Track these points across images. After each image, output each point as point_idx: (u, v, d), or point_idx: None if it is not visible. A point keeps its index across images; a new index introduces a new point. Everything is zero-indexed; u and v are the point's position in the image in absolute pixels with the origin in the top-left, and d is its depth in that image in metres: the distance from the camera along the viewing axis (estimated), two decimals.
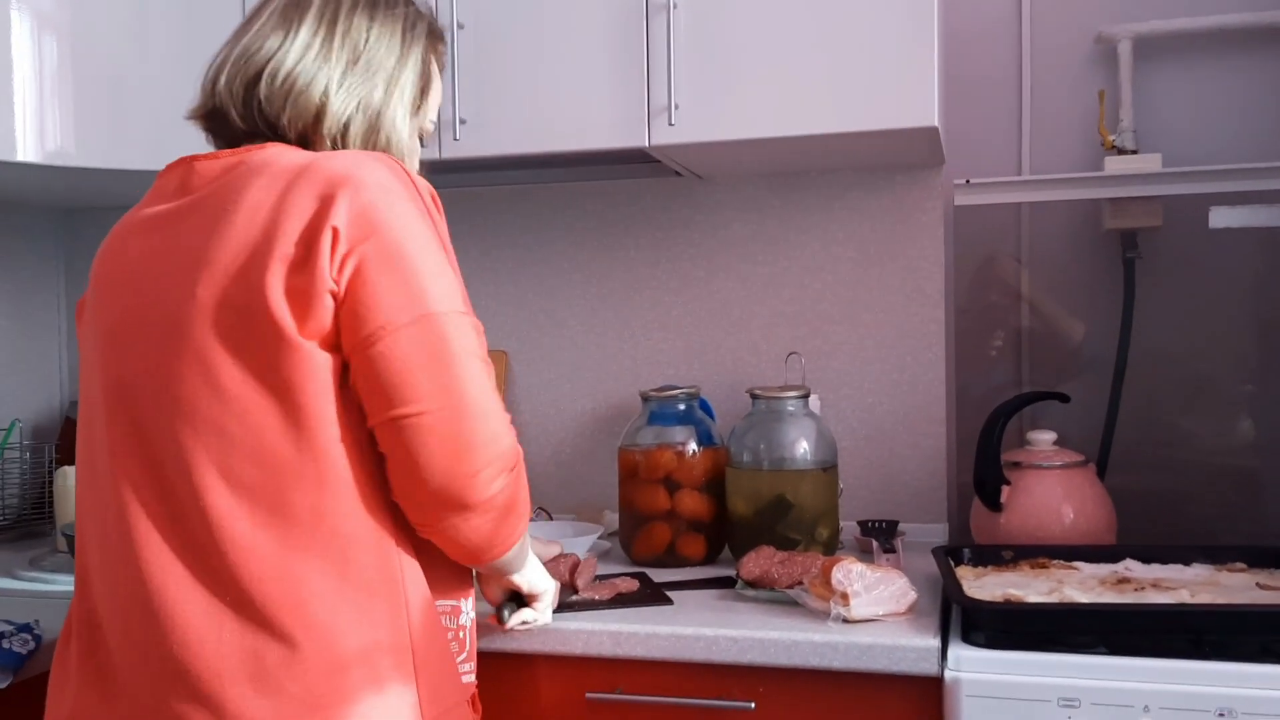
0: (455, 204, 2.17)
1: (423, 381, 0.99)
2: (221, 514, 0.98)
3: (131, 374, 1.05)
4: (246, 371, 0.99)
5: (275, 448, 0.99)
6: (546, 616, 1.35)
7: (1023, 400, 1.76)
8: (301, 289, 0.98)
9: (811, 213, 2.02)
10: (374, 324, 0.99)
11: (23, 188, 2.03)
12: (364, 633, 1.00)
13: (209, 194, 1.06)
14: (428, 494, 1.02)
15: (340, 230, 0.98)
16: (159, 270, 1.05)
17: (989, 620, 1.33)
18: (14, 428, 2.16)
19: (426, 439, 0.99)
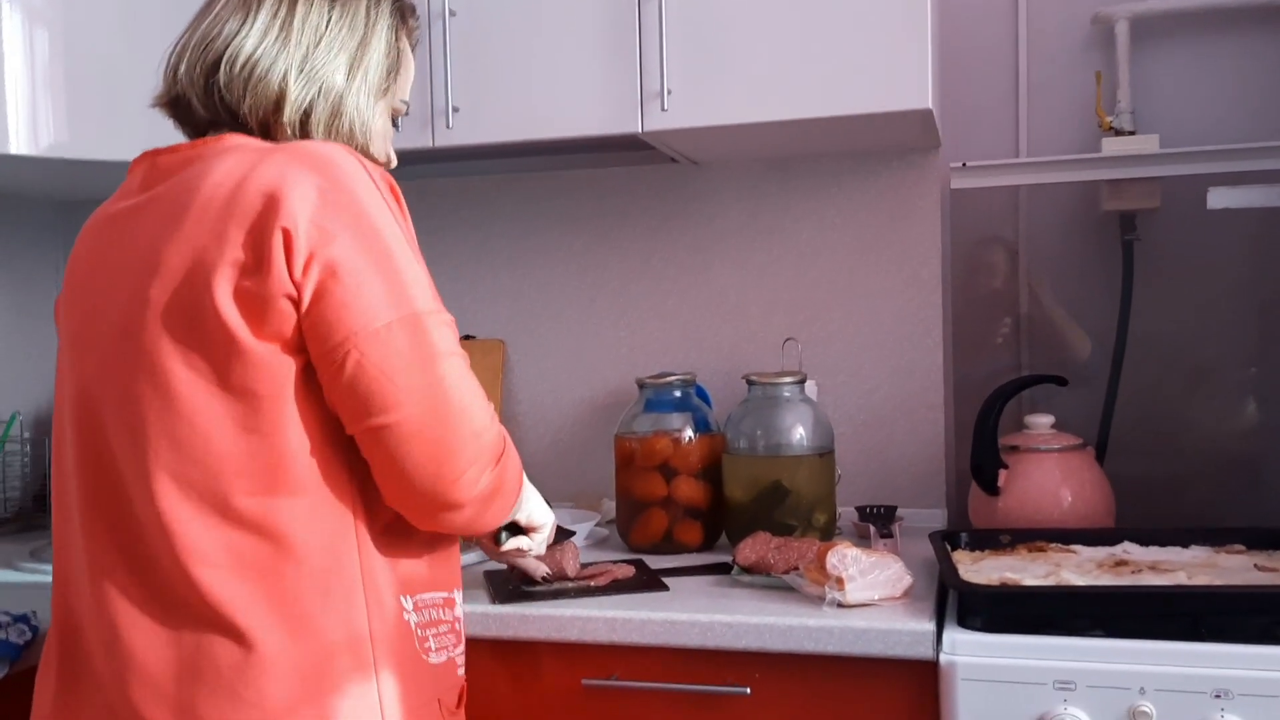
0: (449, 193, 2.18)
1: (400, 388, 0.97)
2: (174, 520, 0.97)
3: (89, 378, 1.04)
4: (198, 376, 0.97)
5: (226, 452, 0.97)
6: (542, 548, 1.34)
7: (1020, 383, 1.75)
8: (254, 293, 0.96)
9: (807, 198, 2.01)
10: (343, 332, 0.96)
11: (18, 181, 2.03)
12: (320, 635, 0.99)
13: (164, 191, 1.04)
14: (416, 497, 1.01)
15: (292, 232, 0.95)
16: (116, 271, 1.04)
17: (985, 604, 1.33)
18: (14, 420, 2.16)
19: (408, 446, 0.98)
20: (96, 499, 1.02)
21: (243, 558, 0.97)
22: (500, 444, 1.07)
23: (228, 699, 0.96)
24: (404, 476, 0.99)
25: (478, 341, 2.17)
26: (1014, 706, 1.24)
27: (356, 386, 0.97)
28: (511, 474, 1.10)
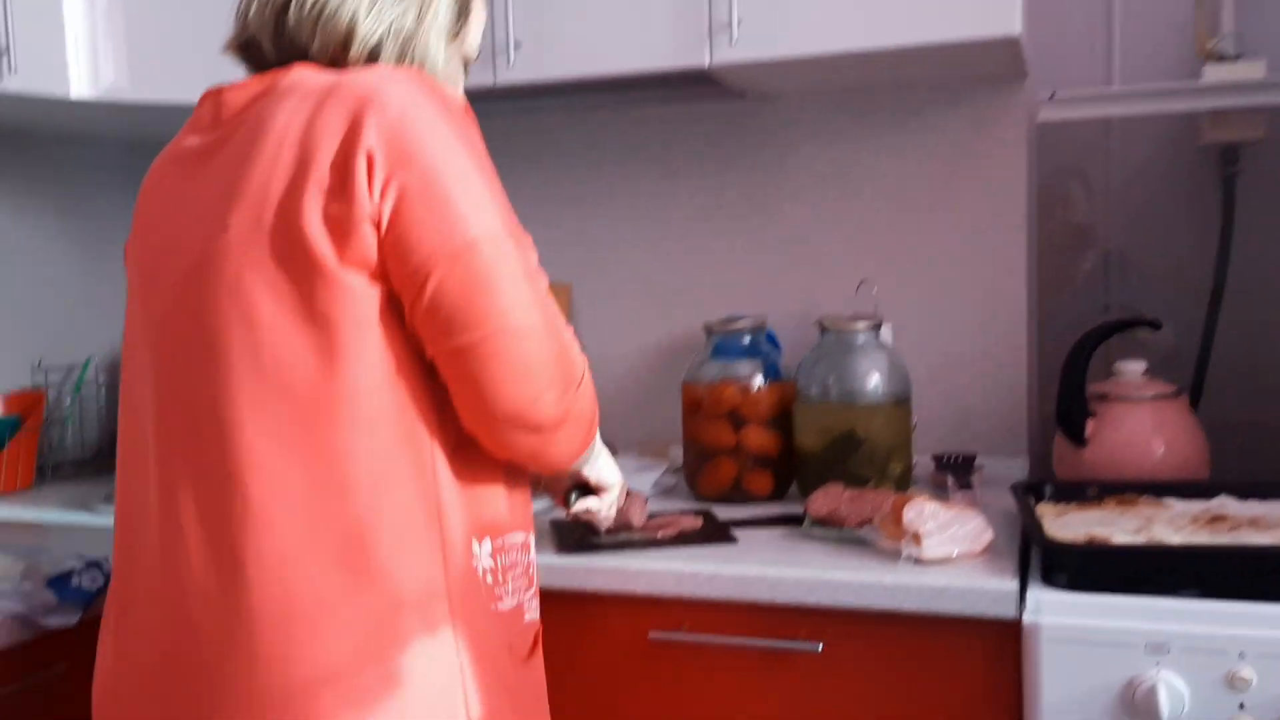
0: (512, 133, 2.13)
1: (479, 309, 0.97)
2: (252, 453, 0.96)
3: (164, 311, 1.02)
4: (280, 303, 0.96)
5: (308, 383, 0.96)
6: (612, 511, 1.35)
7: (1110, 327, 1.66)
8: (339, 217, 0.95)
9: (884, 132, 1.92)
10: (424, 252, 0.95)
11: (83, 124, 2.03)
12: (390, 583, 0.97)
13: (238, 123, 1.02)
14: (496, 419, 1.00)
15: (375, 154, 0.95)
16: (191, 205, 1.02)
17: (1071, 561, 1.27)
18: (88, 365, 2.19)
19: (490, 365, 0.98)
20: (174, 434, 1.00)
21: (319, 496, 0.95)
22: (579, 369, 1.06)
23: (290, 643, 0.94)
24: (484, 397, 0.98)
25: None
26: (1102, 670, 1.19)
27: (439, 307, 0.96)
28: (588, 402, 1.09)
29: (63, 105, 1.76)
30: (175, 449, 1.00)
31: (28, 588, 1.30)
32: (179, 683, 0.97)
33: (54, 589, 1.32)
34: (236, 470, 0.96)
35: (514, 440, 1.03)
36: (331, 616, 0.94)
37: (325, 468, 0.96)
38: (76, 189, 2.22)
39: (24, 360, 2.11)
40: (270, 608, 0.95)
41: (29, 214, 2.12)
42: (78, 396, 2.16)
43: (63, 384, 2.17)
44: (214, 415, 0.98)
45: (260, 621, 0.94)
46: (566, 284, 2.12)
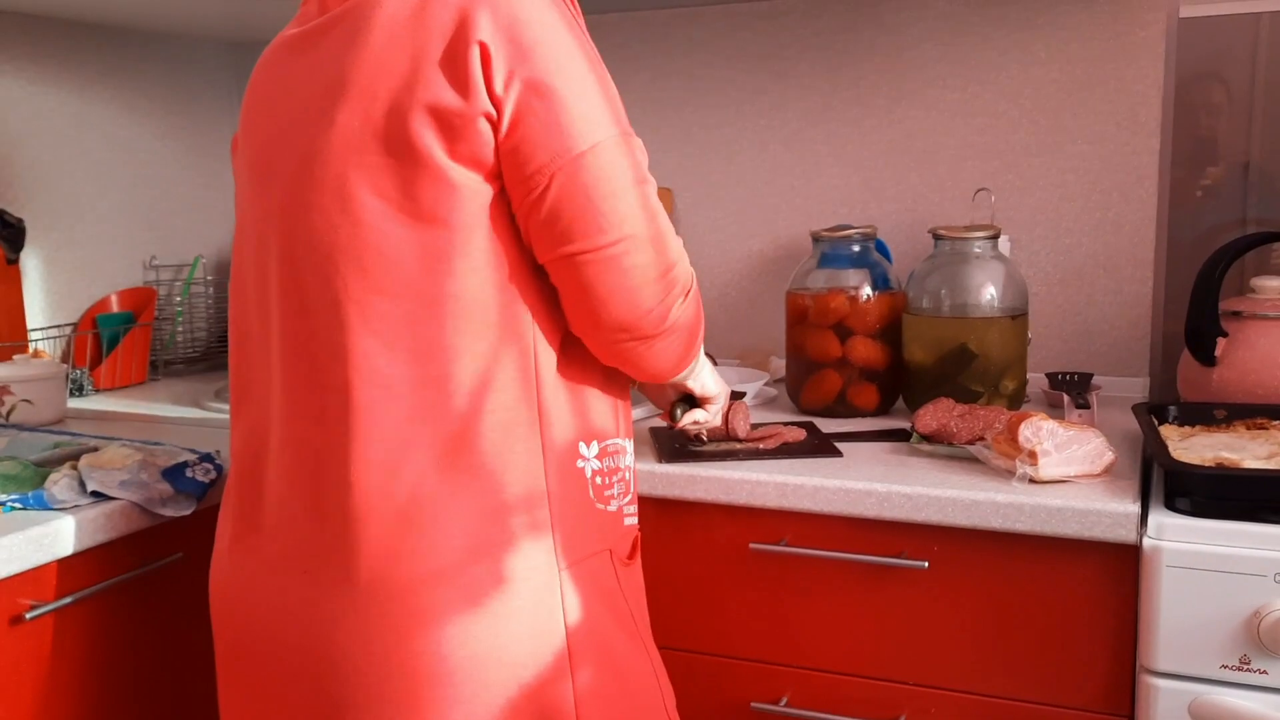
0: (616, 29, 2.07)
1: (597, 217, 0.94)
2: (357, 353, 0.95)
3: (273, 207, 1.01)
4: (386, 202, 0.94)
5: (413, 281, 0.94)
6: (717, 420, 1.33)
7: (1249, 241, 1.55)
8: (451, 113, 0.92)
9: (1011, 29, 1.80)
10: (547, 154, 0.93)
11: (190, 20, 2.02)
12: (496, 483, 0.96)
13: (344, 12, 0.99)
14: (608, 327, 0.99)
15: (491, 49, 0.91)
16: (297, 97, 1.00)
17: (1198, 485, 1.20)
18: (197, 264, 2.23)
19: (608, 271, 0.96)
20: (290, 331, 1.00)
21: (423, 395, 0.95)
22: (689, 277, 1.04)
23: (396, 539, 0.94)
24: (599, 303, 0.97)
25: None
26: (1226, 598, 1.13)
27: (560, 212, 0.94)
28: (695, 312, 1.07)
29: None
30: (284, 348, 1.00)
31: (144, 478, 1.34)
32: (293, 576, 0.99)
33: (169, 479, 1.35)
34: (343, 370, 0.96)
35: (622, 347, 1.01)
36: (439, 514, 0.94)
37: (430, 367, 0.95)
38: (184, 88, 2.23)
39: (135, 258, 2.16)
40: (375, 508, 0.95)
41: (138, 112, 2.15)
42: (188, 295, 2.21)
43: (173, 282, 2.21)
44: (320, 316, 0.97)
45: (366, 519, 0.95)
46: (668, 189, 2.07)
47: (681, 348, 1.07)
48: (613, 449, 1.08)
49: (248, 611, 1.03)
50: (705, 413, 1.30)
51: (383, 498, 0.95)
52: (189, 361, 2.23)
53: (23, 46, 1.92)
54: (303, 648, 0.98)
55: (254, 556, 1.03)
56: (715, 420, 1.33)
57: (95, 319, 2.03)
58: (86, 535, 1.25)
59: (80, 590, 1.25)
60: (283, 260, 1.00)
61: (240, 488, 1.06)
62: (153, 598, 1.36)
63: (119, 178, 2.11)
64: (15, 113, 1.92)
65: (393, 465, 0.95)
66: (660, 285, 0.99)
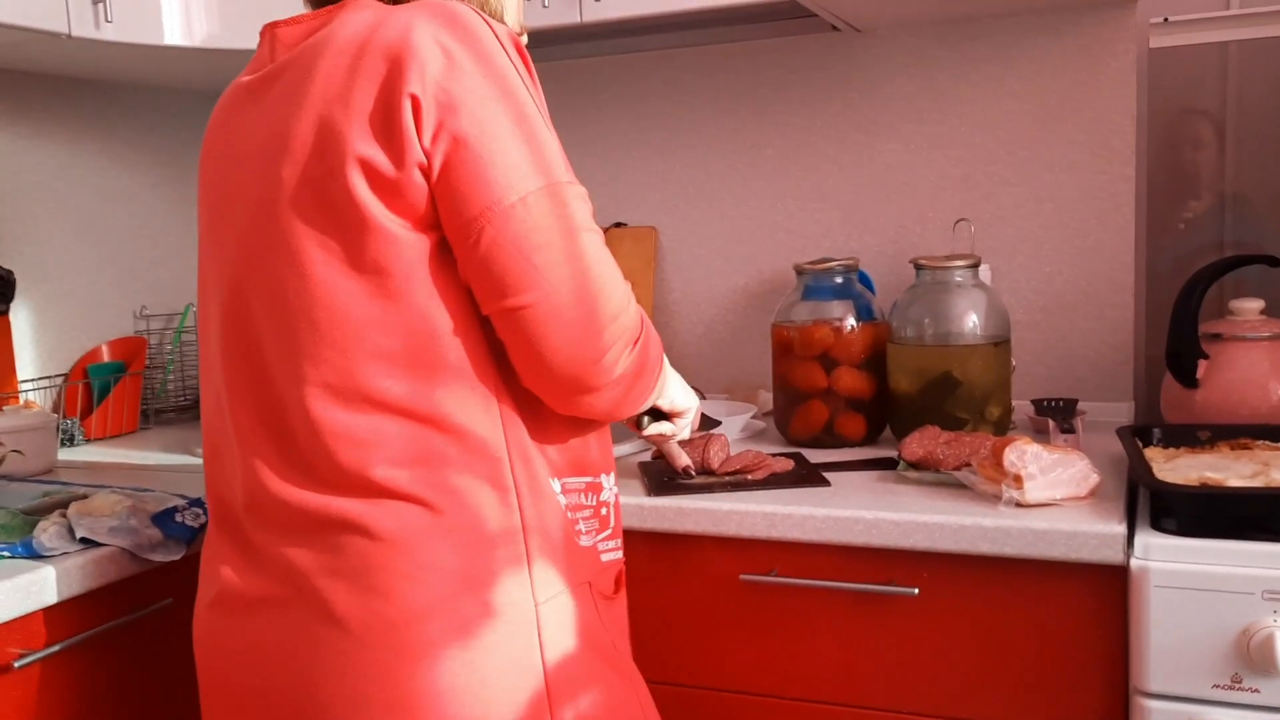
0: (598, 71, 2.10)
1: (536, 266, 0.93)
2: (316, 405, 0.95)
3: (231, 259, 1.02)
4: (331, 256, 0.94)
5: (364, 334, 0.94)
6: (685, 433, 1.31)
7: (1226, 264, 1.57)
8: (383, 165, 0.92)
9: (984, 63, 1.84)
10: (477, 207, 0.92)
11: (177, 74, 2.05)
12: (474, 521, 0.97)
13: (288, 63, 1.00)
14: (553, 380, 0.97)
15: (421, 99, 0.91)
16: (248, 149, 1.01)
17: (1183, 505, 1.21)
18: (188, 312, 2.24)
19: (546, 327, 0.94)
20: (243, 384, 1.01)
21: (388, 442, 0.95)
22: (638, 324, 1.02)
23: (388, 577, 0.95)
24: (541, 359, 0.96)
25: (629, 228, 2.10)
26: (1215, 617, 1.14)
27: (491, 265, 0.93)
28: (652, 355, 1.06)
29: (157, 52, 1.79)
30: (239, 399, 1.01)
31: (134, 523, 1.34)
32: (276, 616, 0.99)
33: (159, 524, 1.35)
34: (305, 422, 0.96)
35: (571, 399, 1.00)
36: (424, 550, 0.95)
37: (391, 414, 0.95)
38: (170, 138, 2.26)
39: (126, 308, 2.17)
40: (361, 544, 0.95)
41: (130, 164, 2.17)
42: (178, 343, 2.22)
43: (164, 331, 2.22)
44: (276, 369, 0.98)
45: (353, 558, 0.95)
46: (651, 227, 2.09)
47: (634, 394, 1.05)
48: (578, 486, 1.07)
49: (232, 654, 1.03)
50: (672, 424, 1.28)
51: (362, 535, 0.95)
52: (180, 409, 2.23)
53: (11, 100, 1.95)
54: (288, 688, 0.97)
55: (237, 599, 1.03)
56: (683, 432, 1.30)
57: (86, 369, 2.04)
58: (75, 582, 1.25)
59: (69, 638, 1.25)
60: (238, 315, 1.01)
61: (219, 531, 1.07)
62: (141, 644, 1.35)
63: (109, 228, 2.13)
64: (4, 165, 1.94)
65: (371, 504, 0.95)
66: (602, 338, 0.97)
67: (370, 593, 0.94)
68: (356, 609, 0.94)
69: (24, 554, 1.27)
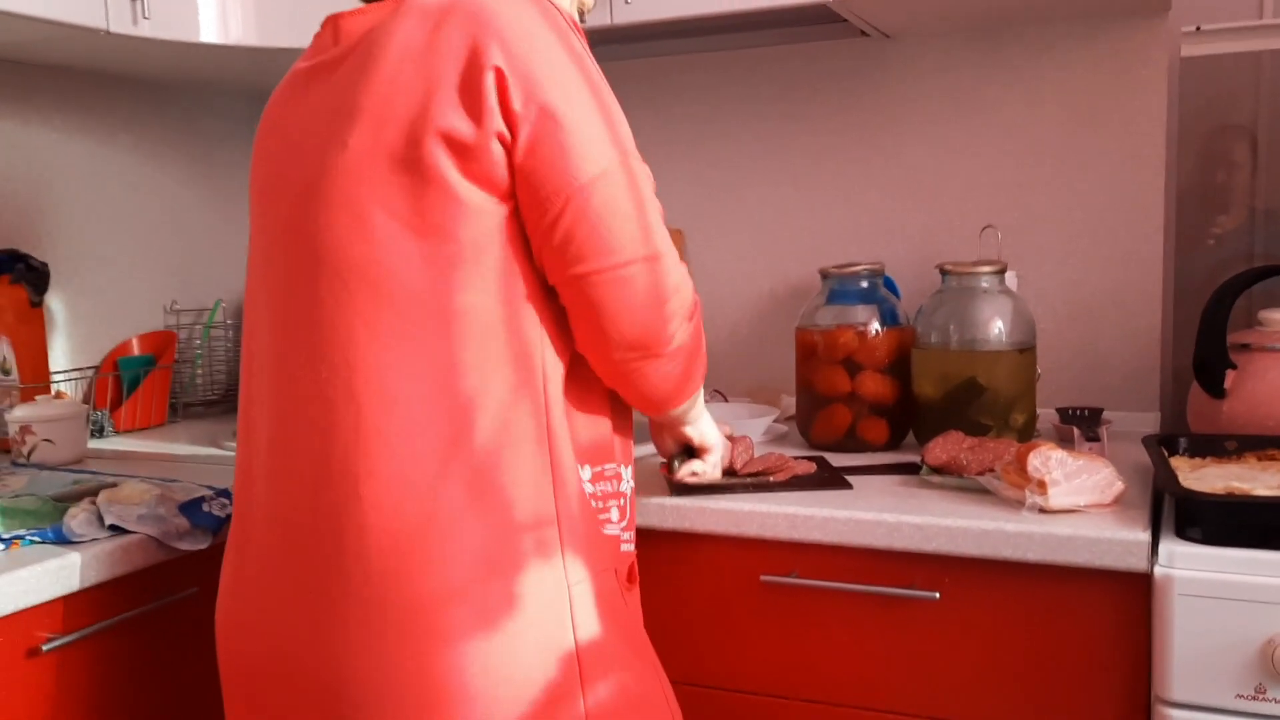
0: (629, 74, 2.11)
1: (615, 234, 0.98)
2: (367, 369, 0.96)
3: (280, 224, 1.04)
4: (396, 219, 0.96)
5: (422, 296, 0.96)
6: (716, 472, 1.35)
7: (1256, 274, 1.56)
8: (465, 135, 0.95)
9: (1015, 69, 1.83)
10: (561, 178, 0.96)
11: (212, 71, 2.08)
12: (513, 495, 0.98)
13: (356, 44, 1.02)
14: (615, 345, 1.02)
15: (506, 74, 0.94)
16: (309, 122, 1.03)
17: (1209, 513, 1.20)
18: (217, 307, 2.26)
19: (619, 292, 0.99)
20: (296, 347, 1.02)
21: (433, 410, 0.96)
22: (696, 300, 1.08)
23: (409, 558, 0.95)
24: (608, 321, 1.00)
25: None
26: (1239, 626, 1.13)
27: (574, 234, 0.97)
28: (699, 336, 1.10)
29: (192, 50, 1.81)
30: (292, 366, 1.02)
31: (162, 512, 1.35)
32: (300, 598, 1.00)
33: (186, 514, 1.37)
34: (350, 386, 0.97)
35: (628, 366, 1.04)
36: (450, 532, 0.95)
37: (439, 382, 0.96)
38: (206, 137, 2.29)
39: (157, 302, 2.19)
40: (385, 523, 0.96)
41: (163, 161, 2.19)
42: (208, 338, 2.24)
43: (193, 325, 2.25)
44: (328, 331, 0.99)
45: (376, 537, 0.96)
46: (679, 229, 2.10)
47: (682, 369, 1.09)
48: (609, 474, 1.09)
49: (255, 637, 1.04)
50: (703, 464, 1.33)
51: (394, 515, 0.95)
52: (208, 403, 2.25)
53: (50, 96, 1.98)
54: (311, 671, 0.98)
55: (260, 580, 1.04)
56: (714, 472, 1.35)
57: (116, 361, 2.07)
58: (104, 569, 1.27)
59: (96, 623, 1.26)
60: (290, 277, 1.02)
61: (246, 514, 1.08)
62: (167, 631, 1.37)
63: (142, 223, 2.16)
64: (42, 160, 1.97)
65: (404, 482, 0.96)
66: (666, 306, 1.02)
67: (397, 576, 0.95)
68: (383, 591, 0.95)
69: (54, 539, 1.28)
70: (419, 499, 0.96)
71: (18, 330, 1.88)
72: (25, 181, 1.94)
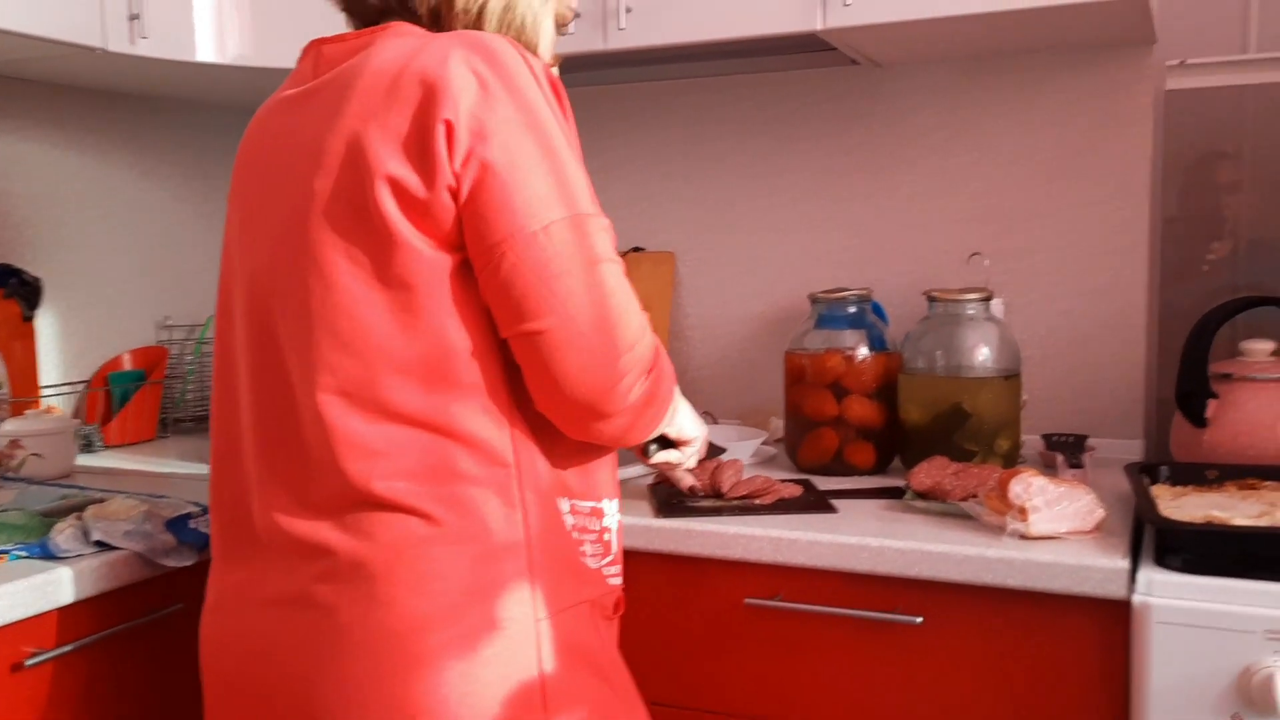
0: (622, 99, 2.13)
1: (555, 293, 0.95)
2: (331, 413, 0.97)
3: (260, 268, 1.05)
4: (358, 268, 0.97)
5: (385, 346, 0.97)
6: (692, 462, 1.31)
7: (1238, 305, 1.58)
8: (414, 185, 0.95)
9: (1002, 100, 1.86)
10: (500, 232, 0.95)
11: (207, 89, 2.10)
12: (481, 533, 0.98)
13: (329, 79, 1.03)
14: (567, 404, 0.99)
15: (454, 124, 0.94)
16: (283, 160, 1.04)
17: (1188, 542, 1.22)
18: (209, 324, 2.27)
19: (562, 352, 0.97)
20: (261, 389, 1.03)
21: (398, 452, 0.97)
22: (653, 353, 1.04)
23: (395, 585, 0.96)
24: (556, 384, 0.98)
25: (647, 254, 2.13)
26: (1216, 655, 1.14)
27: (511, 289, 0.96)
28: (664, 385, 1.07)
29: (189, 69, 1.83)
30: (260, 408, 1.03)
31: (148, 528, 1.36)
32: (281, 620, 1.00)
33: (173, 530, 1.37)
34: (318, 429, 0.98)
35: (583, 424, 1.02)
36: (432, 560, 0.96)
37: (404, 426, 0.97)
38: (200, 153, 2.30)
39: (149, 318, 2.20)
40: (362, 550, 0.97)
41: (157, 177, 2.21)
42: (199, 354, 2.25)
43: (185, 341, 2.25)
44: (295, 376, 1.00)
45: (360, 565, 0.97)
46: (669, 253, 2.11)
47: (644, 422, 1.07)
48: (583, 509, 1.08)
49: (236, 656, 1.04)
50: (679, 453, 1.29)
51: (369, 542, 0.97)
52: (198, 419, 2.26)
53: (48, 112, 1.99)
54: (290, 691, 0.99)
55: (242, 602, 1.04)
56: (689, 461, 1.31)
57: (107, 376, 2.07)
58: (89, 584, 1.27)
59: (81, 639, 1.26)
60: (265, 320, 1.03)
61: (225, 535, 1.08)
62: (152, 648, 1.37)
63: (136, 240, 2.17)
64: (38, 175, 1.98)
65: (379, 512, 0.97)
66: (617, 365, 0.99)
67: (372, 601, 0.96)
68: (360, 617, 0.96)
69: (40, 554, 1.29)
70: (394, 525, 0.97)
71: (9, 344, 1.89)
72: (21, 196, 1.96)
